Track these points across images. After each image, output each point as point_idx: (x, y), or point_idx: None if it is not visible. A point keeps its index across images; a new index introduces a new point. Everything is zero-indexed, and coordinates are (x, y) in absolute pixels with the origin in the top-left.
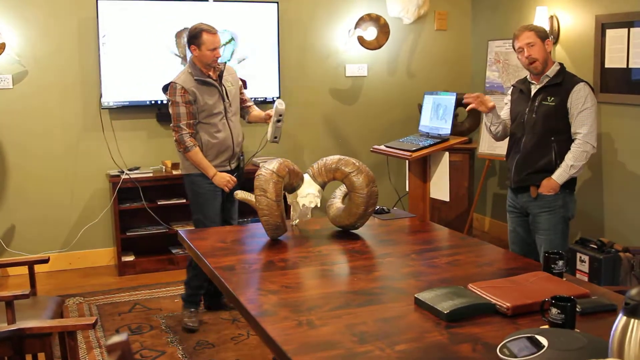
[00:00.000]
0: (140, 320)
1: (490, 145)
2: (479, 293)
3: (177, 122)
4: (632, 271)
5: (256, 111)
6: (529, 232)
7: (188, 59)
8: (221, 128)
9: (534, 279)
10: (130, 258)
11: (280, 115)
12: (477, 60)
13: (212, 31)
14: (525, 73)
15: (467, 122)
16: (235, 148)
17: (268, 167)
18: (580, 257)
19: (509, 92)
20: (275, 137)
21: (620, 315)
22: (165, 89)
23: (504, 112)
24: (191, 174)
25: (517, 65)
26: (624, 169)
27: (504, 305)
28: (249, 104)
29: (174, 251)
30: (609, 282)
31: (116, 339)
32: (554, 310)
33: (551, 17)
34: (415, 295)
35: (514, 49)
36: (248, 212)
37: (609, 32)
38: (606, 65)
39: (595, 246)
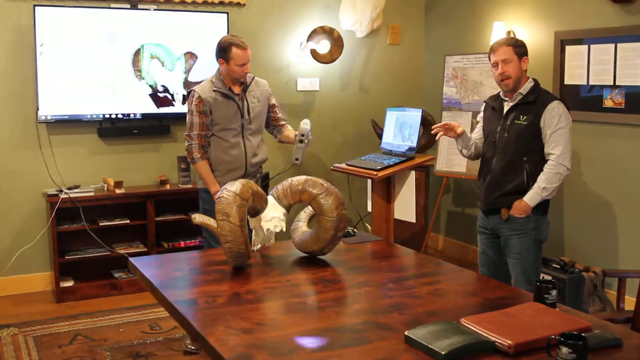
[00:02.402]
0: (82, 353)
1: (448, 163)
2: (474, 329)
3: (189, 131)
4: (595, 291)
5: (288, 131)
6: (500, 255)
7: (215, 70)
8: (234, 145)
9: (529, 312)
10: (70, 283)
11: (303, 136)
12: (431, 76)
13: (243, 46)
14: (483, 89)
15: (422, 139)
16: (249, 168)
17: (230, 189)
18: (543, 277)
19: (482, 108)
20: (297, 159)
21: None
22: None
23: (477, 131)
24: (201, 188)
25: (476, 80)
26: (585, 187)
27: (505, 343)
28: (282, 122)
29: (116, 275)
30: (573, 302)
31: None
32: (564, 350)
33: (508, 33)
34: (406, 333)
35: (489, 61)
36: (195, 232)
37: (569, 49)
38: (565, 82)
39: (557, 266)
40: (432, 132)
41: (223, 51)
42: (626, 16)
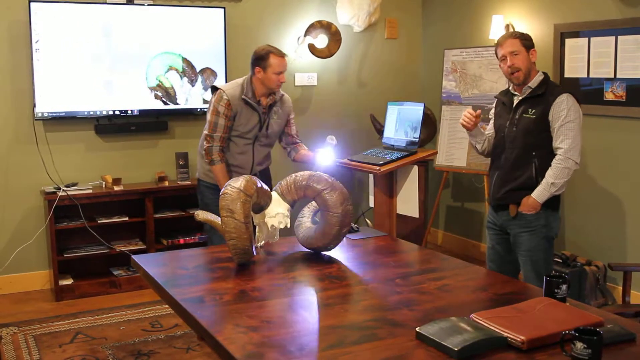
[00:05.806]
0: (84, 351)
1: (448, 157)
2: (486, 325)
3: (211, 131)
4: (598, 285)
5: (304, 150)
6: (509, 251)
7: (248, 77)
8: (244, 151)
9: (540, 306)
10: (68, 281)
11: (332, 140)
12: (429, 70)
13: (280, 54)
14: (482, 83)
15: (422, 133)
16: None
17: (234, 185)
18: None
19: (494, 104)
20: (318, 169)
21: None
22: (213, 89)
23: (489, 127)
24: (202, 180)
25: (475, 74)
26: (586, 180)
27: (518, 339)
28: (297, 140)
29: (115, 273)
30: (575, 296)
31: None
32: (579, 345)
33: (507, 26)
34: (417, 330)
35: (496, 56)
36: (194, 228)
37: (568, 42)
38: (565, 75)
39: (560, 260)
40: (468, 123)
41: (261, 59)
42: (626, 9)
